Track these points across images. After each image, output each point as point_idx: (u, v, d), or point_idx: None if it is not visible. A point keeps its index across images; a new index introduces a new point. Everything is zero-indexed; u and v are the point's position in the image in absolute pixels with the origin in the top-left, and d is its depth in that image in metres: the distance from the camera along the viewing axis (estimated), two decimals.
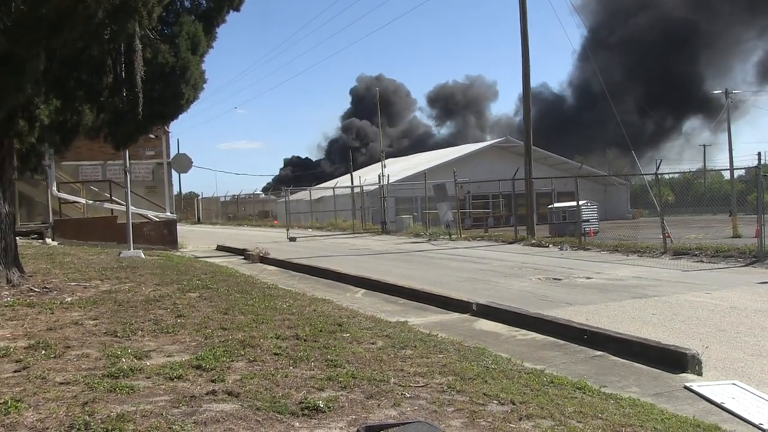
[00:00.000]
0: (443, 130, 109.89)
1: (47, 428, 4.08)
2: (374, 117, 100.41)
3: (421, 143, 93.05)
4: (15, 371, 5.47)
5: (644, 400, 5.69)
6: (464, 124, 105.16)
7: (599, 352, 7.84)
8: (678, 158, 73.69)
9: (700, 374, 6.87)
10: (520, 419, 4.63)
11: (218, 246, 26.08)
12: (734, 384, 6.47)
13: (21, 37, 8.42)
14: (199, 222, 60.06)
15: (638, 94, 70.52)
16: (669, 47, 69.15)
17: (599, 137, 67.58)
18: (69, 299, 9.24)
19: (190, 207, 67.22)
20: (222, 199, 68.89)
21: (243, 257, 21.07)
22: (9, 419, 4.24)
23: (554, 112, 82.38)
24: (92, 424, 4.12)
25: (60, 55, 10.05)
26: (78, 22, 8.67)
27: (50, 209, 23.25)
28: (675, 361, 7.06)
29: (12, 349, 6.18)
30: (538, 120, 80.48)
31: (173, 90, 12.16)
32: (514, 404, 4.93)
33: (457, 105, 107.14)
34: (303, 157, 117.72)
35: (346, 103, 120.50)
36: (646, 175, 27.07)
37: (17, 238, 11.44)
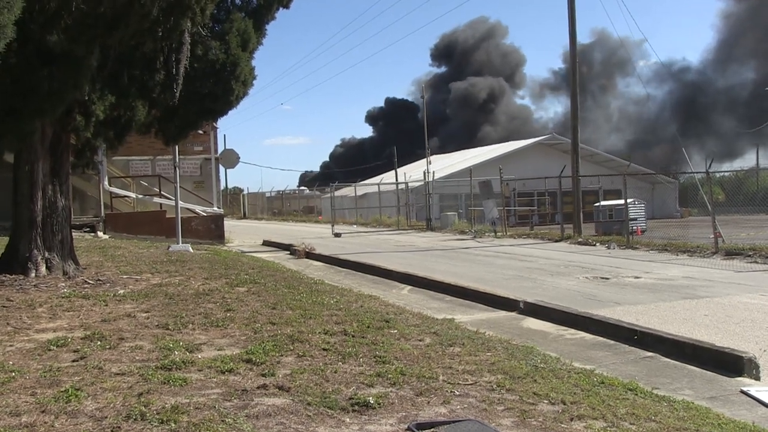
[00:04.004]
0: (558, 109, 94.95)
1: (106, 417, 4.19)
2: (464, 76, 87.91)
3: (528, 129, 75.86)
4: (73, 361, 5.63)
5: (699, 403, 5.56)
6: (594, 103, 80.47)
7: (650, 353, 7.70)
8: None
9: (757, 379, 6.67)
10: (572, 420, 4.58)
11: (264, 241, 26.34)
12: None
13: (80, 35, 8.63)
14: (244, 217, 60.78)
15: None
16: None
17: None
18: (121, 292, 9.45)
19: (235, 202, 68.06)
20: (267, 195, 69.53)
21: (289, 252, 21.25)
22: (71, 407, 4.36)
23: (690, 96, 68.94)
24: (148, 414, 4.21)
25: (115, 52, 10.27)
26: (133, 20, 8.86)
27: (102, 203, 23.77)
28: (730, 364, 6.88)
29: (70, 339, 6.36)
30: (673, 105, 69.21)
31: (223, 86, 12.32)
32: (564, 404, 4.88)
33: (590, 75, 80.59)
34: (400, 98, 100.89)
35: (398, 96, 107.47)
36: (696, 173, 26.52)
37: (72, 231, 11.72)
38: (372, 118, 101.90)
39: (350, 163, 78.86)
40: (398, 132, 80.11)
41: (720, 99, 66.95)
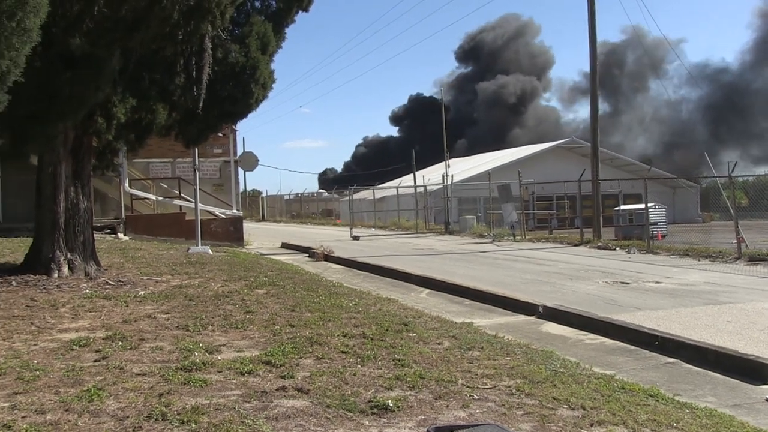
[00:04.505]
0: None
1: (127, 416, 4.22)
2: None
3: (557, 131, 71.40)
4: (95, 360, 5.69)
5: (722, 410, 5.50)
6: (627, 106, 77.82)
7: (671, 359, 7.64)
8: None
9: None
10: (592, 425, 4.55)
11: (283, 243, 26.42)
12: None
13: (100, 38, 8.72)
14: (263, 219, 60.96)
15: None
16: None
17: None
18: (142, 293, 9.52)
19: (254, 204, 68.25)
20: (286, 197, 69.72)
21: (307, 255, 21.29)
22: (93, 406, 4.41)
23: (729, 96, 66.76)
24: (169, 414, 4.24)
25: (136, 55, 10.36)
26: (154, 24, 8.94)
27: (122, 205, 23.94)
28: (754, 371, 6.80)
29: (91, 340, 6.42)
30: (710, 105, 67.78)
31: (243, 89, 12.38)
32: (584, 409, 4.85)
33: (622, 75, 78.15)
34: (427, 95, 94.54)
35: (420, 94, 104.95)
36: (719, 177, 26.25)
37: (93, 232, 11.83)
38: (396, 118, 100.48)
39: (374, 163, 77.62)
40: (423, 132, 77.85)
41: (759, 100, 65.61)
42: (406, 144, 72.62)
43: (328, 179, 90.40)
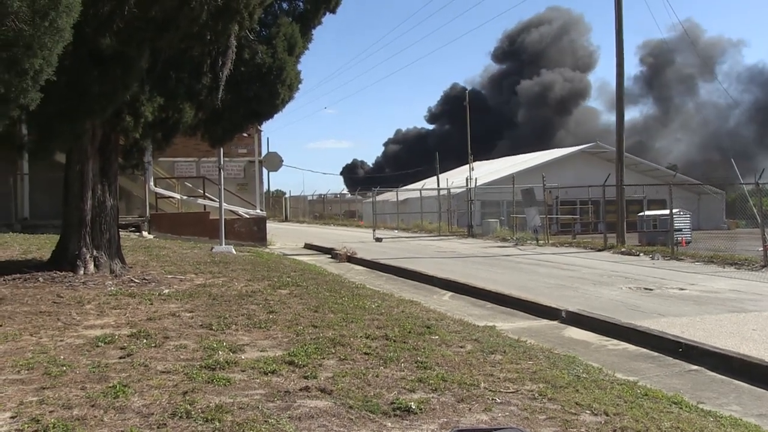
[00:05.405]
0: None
1: (152, 413, 4.27)
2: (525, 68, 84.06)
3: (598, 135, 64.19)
4: (120, 357, 5.76)
5: (747, 420, 5.44)
6: (674, 108, 75.75)
7: (695, 367, 7.57)
8: None
9: None
10: (615, 431, 4.52)
11: (306, 244, 26.51)
12: None
13: (130, 38, 8.82)
14: (286, 220, 61.21)
15: None
16: None
17: None
18: (166, 291, 9.61)
19: (277, 205, 68.55)
20: (309, 198, 69.95)
21: (330, 256, 21.35)
22: (119, 402, 4.47)
23: None
24: (193, 412, 4.29)
25: (164, 55, 10.46)
26: (183, 24, 9.03)
27: (147, 203, 24.13)
28: None
29: (116, 337, 6.51)
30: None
31: (269, 90, 12.44)
32: (607, 415, 4.82)
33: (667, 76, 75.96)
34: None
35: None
36: (746, 184, 25.91)
37: (119, 230, 11.95)
38: (433, 116, 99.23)
39: (409, 159, 76.01)
40: (461, 128, 76.30)
41: None
42: (445, 139, 71.25)
43: (356, 177, 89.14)
